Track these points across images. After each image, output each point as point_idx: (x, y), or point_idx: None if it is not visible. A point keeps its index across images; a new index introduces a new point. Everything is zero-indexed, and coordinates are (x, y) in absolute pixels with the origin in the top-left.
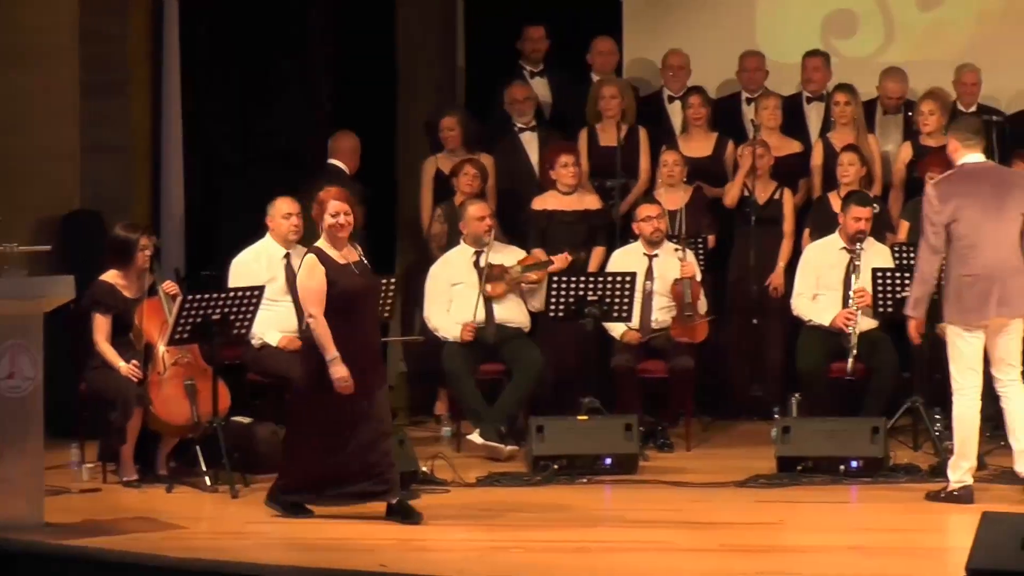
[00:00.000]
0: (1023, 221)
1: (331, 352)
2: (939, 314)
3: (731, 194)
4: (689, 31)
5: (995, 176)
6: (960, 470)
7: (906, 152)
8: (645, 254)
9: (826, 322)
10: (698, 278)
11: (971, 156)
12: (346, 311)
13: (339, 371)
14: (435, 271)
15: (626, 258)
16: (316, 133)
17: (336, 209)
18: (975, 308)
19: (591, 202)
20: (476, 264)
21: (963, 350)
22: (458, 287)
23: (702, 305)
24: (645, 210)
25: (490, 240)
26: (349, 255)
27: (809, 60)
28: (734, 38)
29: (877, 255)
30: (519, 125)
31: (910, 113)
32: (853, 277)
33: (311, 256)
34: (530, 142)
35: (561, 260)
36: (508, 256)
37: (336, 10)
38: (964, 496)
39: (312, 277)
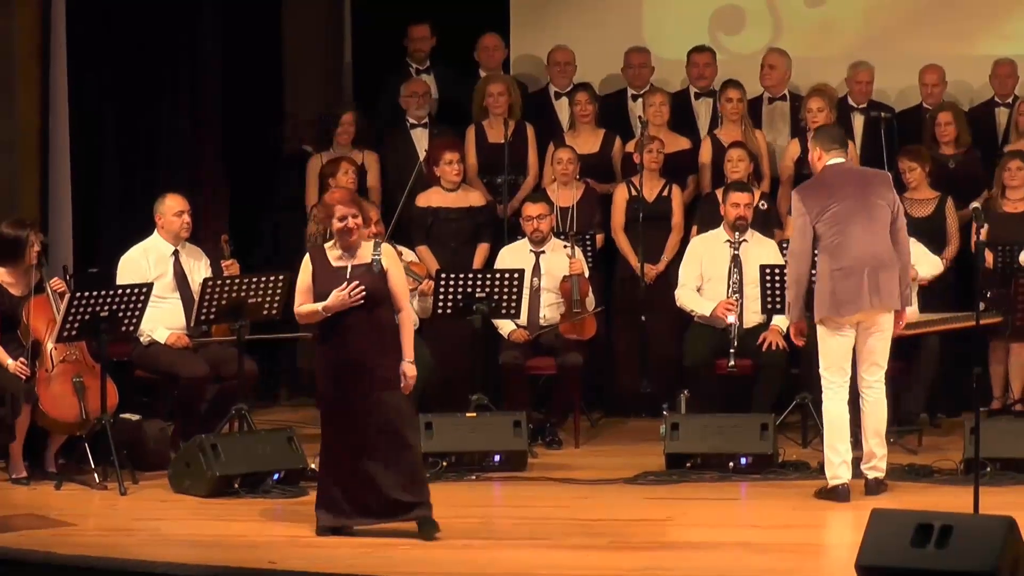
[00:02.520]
0: (890, 213)
1: (315, 308)
2: None
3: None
4: (575, 27)
5: (857, 175)
6: (832, 466)
7: (794, 148)
8: (532, 251)
9: (707, 312)
10: (586, 275)
11: (833, 160)
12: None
13: (326, 303)
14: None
15: (513, 255)
16: (204, 129)
17: (343, 212)
18: (849, 300)
19: (476, 199)
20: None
21: (833, 348)
22: None
23: (590, 302)
24: (528, 209)
25: None
26: (357, 257)
27: (696, 56)
28: (621, 34)
29: (763, 248)
30: (411, 121)
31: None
32: (735, 269)
33: (306, 255)
34: (421, 138)
35: (427, 286)
36: (409, 255)
37: (223, 6)
38: (840, 493)
39: (301, 274)
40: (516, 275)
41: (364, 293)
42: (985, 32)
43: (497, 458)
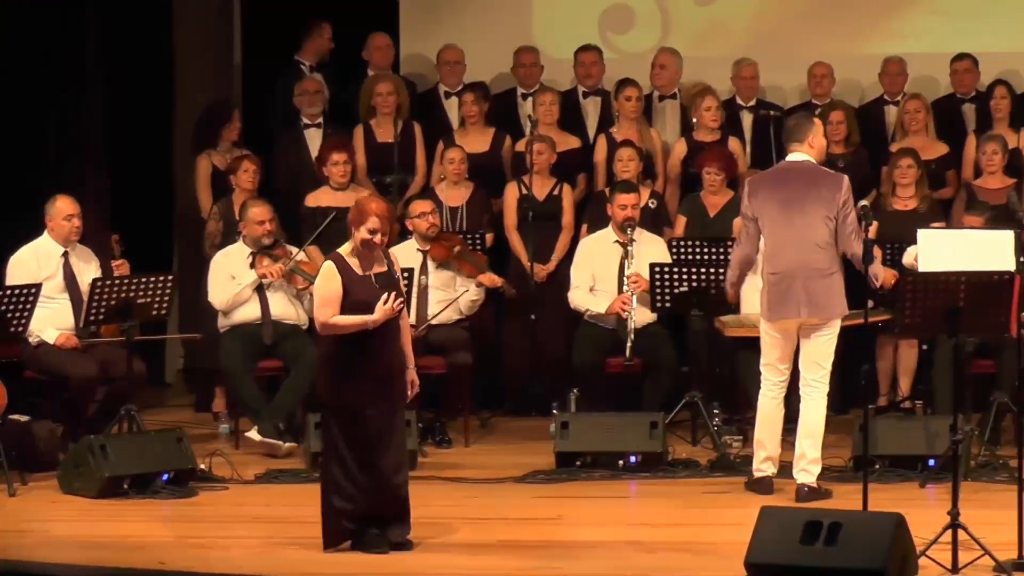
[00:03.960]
0: (834, 223)
1: (361, 321)
2: (719, 309)
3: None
4: (465, 26)
5: (807, 176)
6: (758, 459)
7: (681, 147)
8: (419, 250)
9: (603, 310)
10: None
11: (793, 155)
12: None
13: (375, 317)
14: (218, 259)
15: (401, 254)
16: (92, 130)
17: (375, 226)
18: (776, 306)
19: None
20: (252, 265)
21: (771, 347)
22: (234, 283)
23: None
24: (414, 207)
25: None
26: (375, 266)
27: (583, 55)
28: (510, 33)
29: (652, 246)
30: (305, 120)
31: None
32: (627, 266)
33: (329, 264)
34: (314, 138)
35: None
36: (299, 254)
37: (111, 3)
38: (763, 486)
39: (327, 283)
40: (405, 274)
41: (403, 303)
42: (874, 30)
43: None
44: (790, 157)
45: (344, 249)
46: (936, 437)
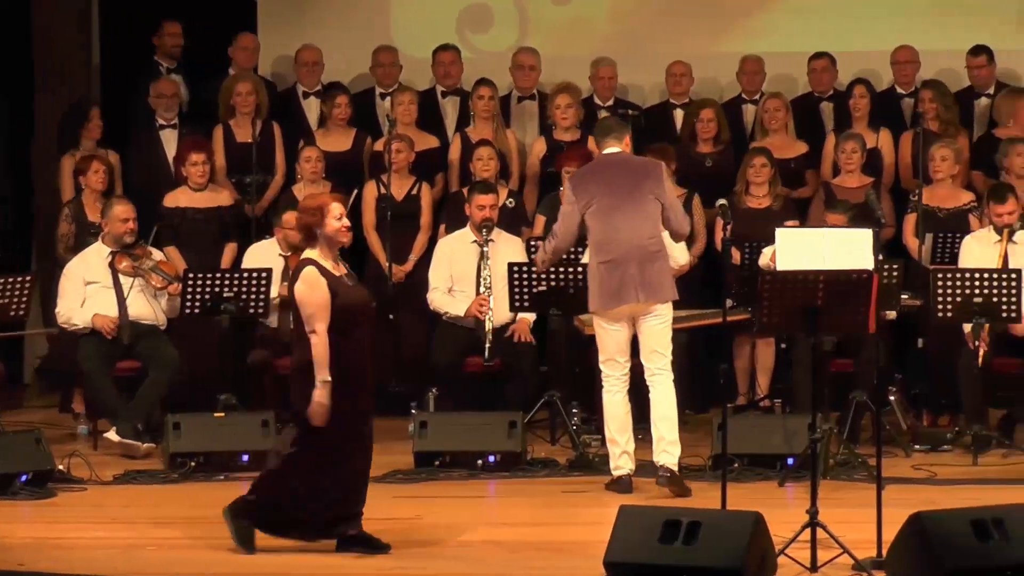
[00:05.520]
0: (662, 206)
1: (325, 374)
2: (578, 308)
3: None
4: (324, 26)
5: (630, 165)
6: (614, 457)
7: (540, 146)
8: (280, 254)
9: (461, 312)
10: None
11: (609, 149)
12: (346, 327)
13: (323, 397)
14: (72, 266)
15: (262, 254)
16: None
17: (341, 212)
18: (615, 293)
19: (224, 199)
20: (112, 264)
21: (606, 341)
22: (92, 286)
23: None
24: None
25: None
26: (339, 266)
27: (442, 55)
28: (369, 33)
29: (510, 246)
30: (161, 121)
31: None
32: (484, 267)
33: (311, 268)
34: (170, 139)
35: (175, 288)
36: (158, 254)
37: None
38: (621, 485)
39: (315, 290)
40: (264, 274)
41: None
42: (732, 29)
43: (245, 458)
44: (608, 151)
45: (311, 254)
46: (794, 436)
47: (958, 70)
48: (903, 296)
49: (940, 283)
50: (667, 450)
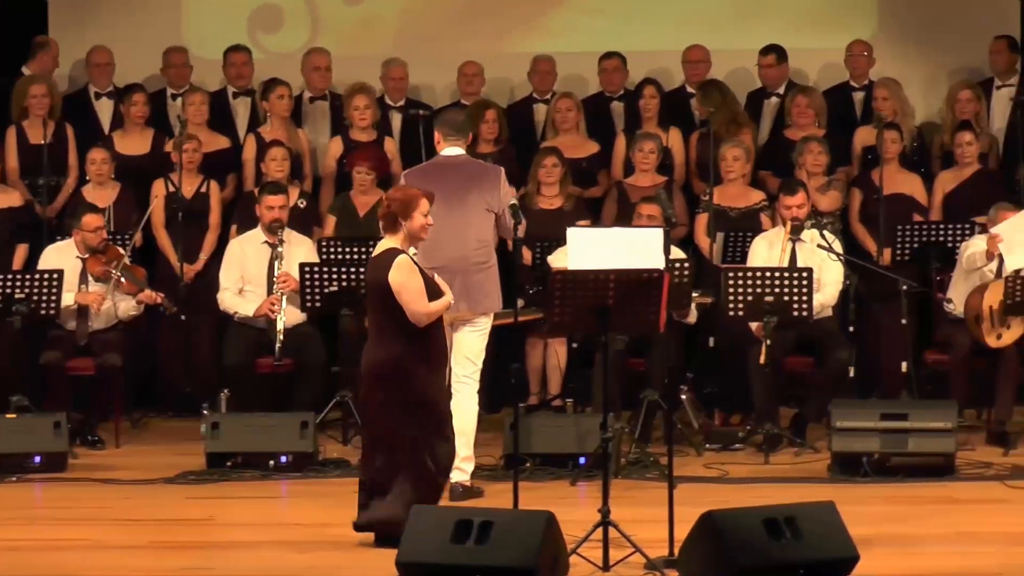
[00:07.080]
0: (494, 216)
1: (446, 302)
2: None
3: None
4: (116, 27)
5: (466, 170)
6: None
7: (336, 147)
8: (78, 256)
9: (251, 312)
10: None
11: (449, 149)
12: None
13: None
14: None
15: (59, 255)
16: None
17: (428, 209)
18: None
19: (15, 200)
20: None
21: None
22: None
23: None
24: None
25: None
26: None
27: (233, 56)
28: (160, 34)
29: (301, 247)
30: None
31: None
32: (276, 267)
33: (404, 257)
34: None
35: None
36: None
37: None
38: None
39: (413, 275)
40: (55, 275)
41: None
42: (523, 29)
43: (38, 459)
44: (446, 152)
45: (394, 242)
46: (587, 435)
47: (750, 69)
48: (694, 295)
49: (731, 282)
50: (460, 467)
